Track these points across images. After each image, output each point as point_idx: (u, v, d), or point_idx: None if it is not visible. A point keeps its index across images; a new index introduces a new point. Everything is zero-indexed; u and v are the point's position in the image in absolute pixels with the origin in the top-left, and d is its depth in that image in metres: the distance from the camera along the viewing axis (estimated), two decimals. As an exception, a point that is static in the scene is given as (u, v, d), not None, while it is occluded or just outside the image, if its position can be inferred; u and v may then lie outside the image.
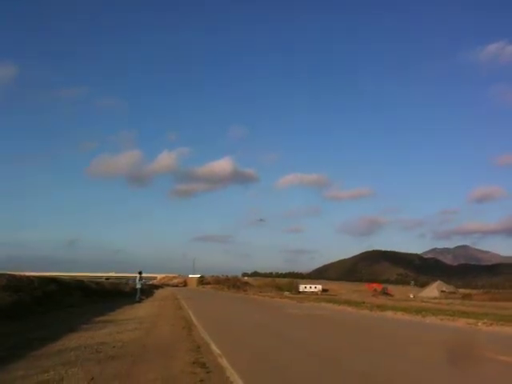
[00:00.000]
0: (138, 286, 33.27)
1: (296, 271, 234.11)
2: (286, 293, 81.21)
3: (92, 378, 6.82)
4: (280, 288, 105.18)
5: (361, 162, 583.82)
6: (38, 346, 9.84)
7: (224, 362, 8.41)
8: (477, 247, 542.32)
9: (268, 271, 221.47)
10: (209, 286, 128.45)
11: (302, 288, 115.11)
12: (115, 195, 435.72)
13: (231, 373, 7.39)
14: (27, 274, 29.58)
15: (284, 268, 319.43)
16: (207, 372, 7.42)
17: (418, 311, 24.64)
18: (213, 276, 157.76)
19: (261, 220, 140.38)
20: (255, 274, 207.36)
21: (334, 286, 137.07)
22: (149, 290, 60.75)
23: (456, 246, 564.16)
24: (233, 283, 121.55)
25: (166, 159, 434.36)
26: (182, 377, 7.06)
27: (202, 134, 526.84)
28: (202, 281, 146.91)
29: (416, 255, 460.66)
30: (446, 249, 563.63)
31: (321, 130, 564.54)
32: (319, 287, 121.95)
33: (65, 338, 11.49)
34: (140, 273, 33.78)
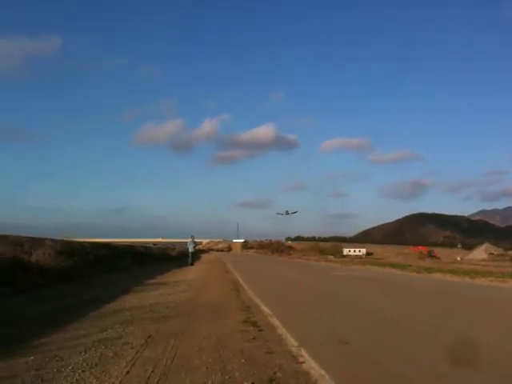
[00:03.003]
0: (191, 249, 33.02)
1: (339, 235, 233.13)
2: (330, 257, 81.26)
3: (149, 336, 7.04)
4: (324, 252, 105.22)
5: (403, 124, 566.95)
6: (94, 307, 10.21)
7: (275, 321, 8.50)
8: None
9: (311, 235, 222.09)
10: (252, 250, 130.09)
11: (345, 252, 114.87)
12: (160, 163, 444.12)
13: (283, 331, 7.47)
14: (79, 240, 30.62)
15: (327, 232, 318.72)
16: (259, 330, 7.54)
17: (467, 273, 24.19)
18: (256, 241, 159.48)
19: (286, 213, 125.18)
20: (298, 239, 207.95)
21: (379, 250, 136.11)
22: (196, 254, 62.06)
23: (505, 207, 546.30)
24: (276, 247, 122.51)
25: (207, 126, 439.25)
26: (235, 334, 7.20)
27: (243, 101, 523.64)
28: (245, 245, 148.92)
29: (463, 217, 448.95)
30: (495, 210, 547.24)
31: (363, 93, 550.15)
32: (363, 251, 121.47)
33: (119, 299, 11.89)
34: (192, 237, 33.85)
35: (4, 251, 14.84)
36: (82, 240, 32.15)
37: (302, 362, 5.55)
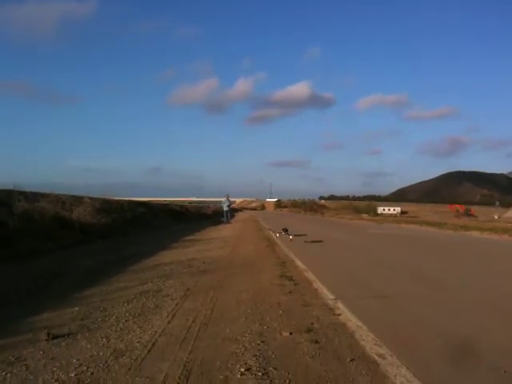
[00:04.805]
0: (225, 208, 33.06)
1: (374, 194, 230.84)
2: (364, 215, 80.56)
3: (188, 289, 7.23)
4: (358, 211, 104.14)
5: (443, 81, 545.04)
6: (134, 262, 10.52)
7: (310, 275, 8.59)
8: None
9: (345, 194, 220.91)
10: (285, 209, 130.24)
11: (380, 210, 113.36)
12: (195, 123, 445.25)
13: (318, 285, 7.55)
14: (117, 198, 31.20)
15: (362, 191, 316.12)
16: (295, 284, 7.64)
17: (506, 231, 23.68)
18: (289, 200, 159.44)
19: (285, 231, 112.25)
20: (332, 198, 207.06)
21: (414, 208, 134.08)
22: (230, 212, 62.67)
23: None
24: (309, 206, 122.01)
25: (242, 85, 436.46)
26: (272, 288, 7.31)
27: (278, 58, 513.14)
28: (279, 204, 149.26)
29: (502, 175, 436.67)
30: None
31: (400, 49, 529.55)
32: (398, 209, 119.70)
33: (157, 254, 12.21)
34: (227, 196, 33.72)
35: (46, 209, 15.31)
36: (120, 198, 32.77)
37: (339, 315, 5.61)
